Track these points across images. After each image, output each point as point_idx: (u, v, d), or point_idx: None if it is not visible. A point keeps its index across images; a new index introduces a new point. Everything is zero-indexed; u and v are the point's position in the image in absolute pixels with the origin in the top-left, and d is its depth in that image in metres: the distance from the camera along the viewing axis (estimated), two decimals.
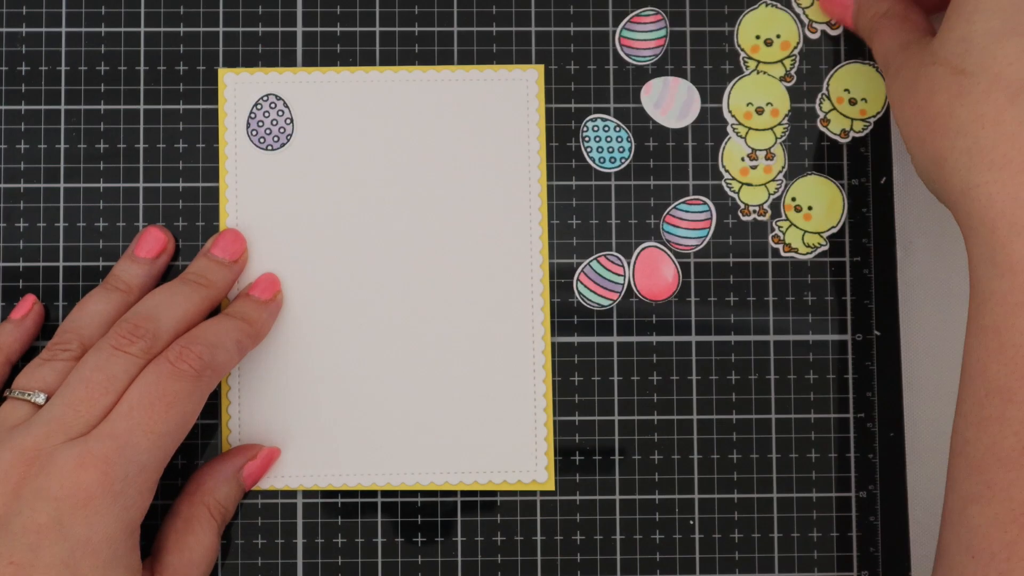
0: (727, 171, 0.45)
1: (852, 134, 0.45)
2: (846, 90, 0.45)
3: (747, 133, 0.45)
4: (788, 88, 0.45)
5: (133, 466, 0.37)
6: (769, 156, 0.45)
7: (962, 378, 0.36)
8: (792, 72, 0.45)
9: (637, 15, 0.45)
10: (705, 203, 0.45)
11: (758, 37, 0.45)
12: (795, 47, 0.45)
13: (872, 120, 0.45)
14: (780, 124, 0.45)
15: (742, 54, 0.45)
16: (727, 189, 0.45)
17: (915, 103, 0.37)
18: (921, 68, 0.37)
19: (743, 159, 0.45)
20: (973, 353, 0.36)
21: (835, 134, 0.45)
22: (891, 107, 0.39)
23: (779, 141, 0.45)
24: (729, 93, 0.45)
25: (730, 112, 0.45)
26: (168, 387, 0.38)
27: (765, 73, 0.45)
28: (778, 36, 0.45)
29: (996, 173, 0.35)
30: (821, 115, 0.45)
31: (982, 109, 0.35)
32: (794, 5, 0.45)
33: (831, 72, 0.45)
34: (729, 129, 0.45)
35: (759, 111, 0.45)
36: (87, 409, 0.37)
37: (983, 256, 0.35)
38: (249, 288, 0.43)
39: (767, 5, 0.45)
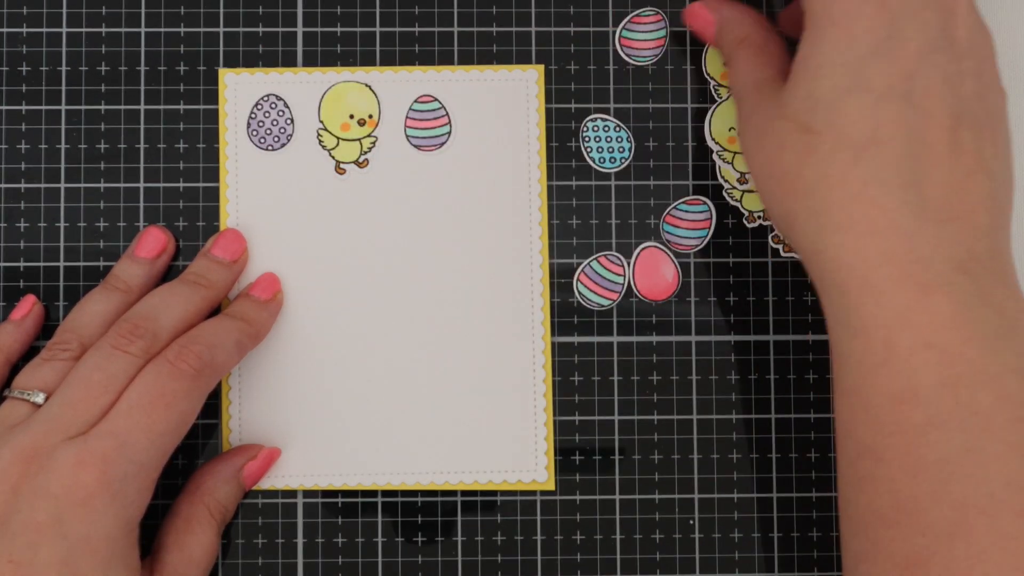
0: (726, 182, 0.45)
1: None
2: None
3: (733, 158, 0.45)
4: None
5: (132, 465, 0.37)
6: None
7: (835, 439, 0.36)
8: None
9: (637, 15, 0.45)
10: (705, 203, 0.45)
11: (726, 64, 0.45)
12: None
13: None
14: None
15: (711, 83, 0.45)
16: (729, 199, 0.45)
17: (764, 157, 0.37)
18: (769, 121, 0.37)
19: (736, 179, 0.45)
20: (840, 415, 0.36)
21: None
22: (743, 152, 0.38)
23: None
24: (709, 121, 0.45)
25: (713, 140, 0.45)
26: (167, 386, 0.38)
27: None
28: None
29: (843, 235, 0.34)
30: None
31: (827, 169, 0.35)
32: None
33: None
34: (715, 156, 0.45)
35: None
36: (86, 408, 0.37)
37: (837, 318, 0.35)
38: (249, 288, 0.43)
39: None
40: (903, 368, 0.33)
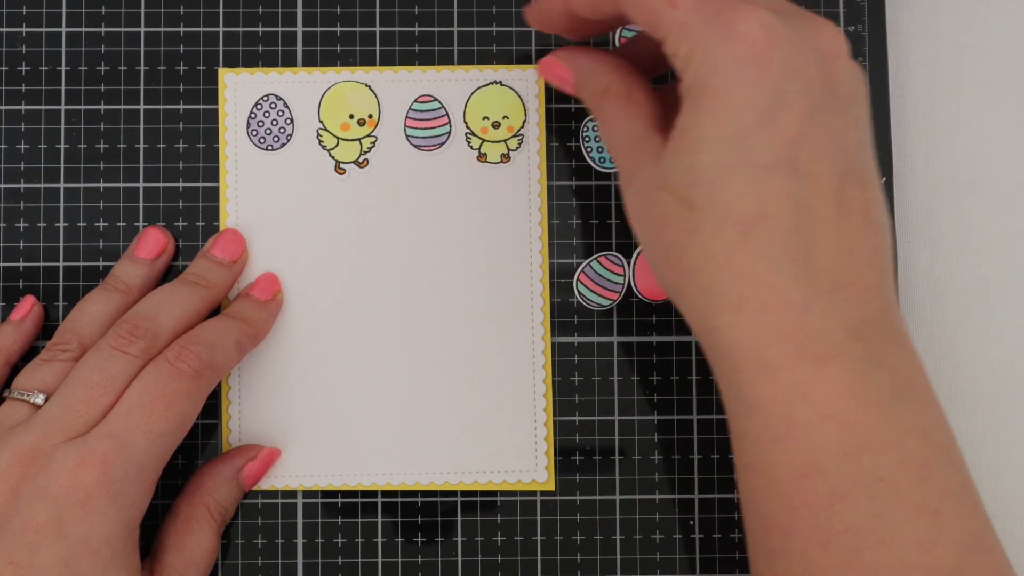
0: None
1: None
2: None
3: None
4: None
5: (132, 465, 0.37)
6: None
7: (743, 512, 0.36)
8: None
9: None
10: None
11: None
12: None
13: None
14: None
15: None
16: None
17: (650, 228, 0.35)
18: (651, 190, 0.35)
19: None
20: (744, 490, 0.35)
21: None
22: (628, 213, 0.37)
23: None
24: None
25: None
26: (167, 387, 0.38)
27: None
28: None
29: (734, 315, 0.33)
30: None
31: (714, 248, 0.33)
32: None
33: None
34: None
35: None
36: (86, 409, 0.37)
37: (733, 395, 0.34)
38: (249, 288, 0.43)
39: None
40: (804, 442, 0.33)
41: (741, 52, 0.33)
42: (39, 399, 0.39)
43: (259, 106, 0.44)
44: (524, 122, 0.44)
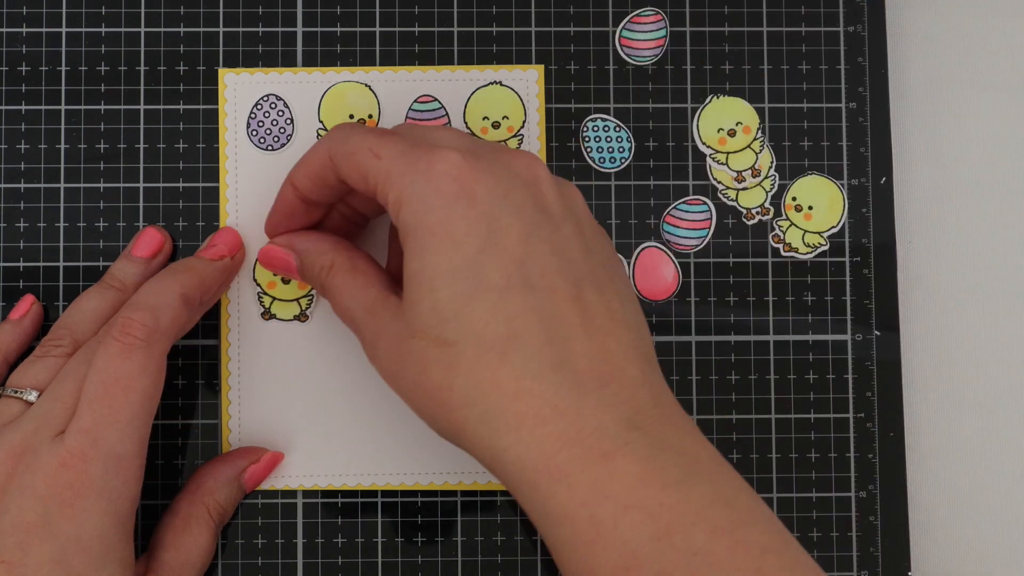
0: (720, 183, 0.45)
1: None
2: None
3: (727, 159, 0.45)
4: (757, 108, 0.45)
5: (110, 459, 0.36)
6: (755, 173, 0.45)
7: None
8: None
9: (637, 15, 0.45)
10: (705, 203, 0.45)
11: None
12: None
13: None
14: (756, 139, 0.45)
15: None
16: (725, 200, 0.45)
17: (410, 379, 0.36)
18: (402, 342, 0.36)
19: (733, 179, 0.45)
20: None
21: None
22: (383, 377, 0.37)
23: (759, 156, 0.45)
24: (697, 126, 0.45)
25: (704, 143, 0.45)
26: (120, 370, 0.37)
27: (724, 95, 0.45)
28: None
29: (516, 434, 0.34)
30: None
31: (478, 376, 0.34)
32: None
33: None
34: (709, 160, 0.45)
35: (731, 133, 0.45)
36: (74, 403, 0.37)
37: (537, 510, 0.34)
38: (200, 250, 0.43)
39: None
40: (615, 538, 0.33)
41: (447, 188, 0.35)
42: (32, 396, 0.39)
43: (259, 106, 0.44)
44: (524, 122, 0.44)
